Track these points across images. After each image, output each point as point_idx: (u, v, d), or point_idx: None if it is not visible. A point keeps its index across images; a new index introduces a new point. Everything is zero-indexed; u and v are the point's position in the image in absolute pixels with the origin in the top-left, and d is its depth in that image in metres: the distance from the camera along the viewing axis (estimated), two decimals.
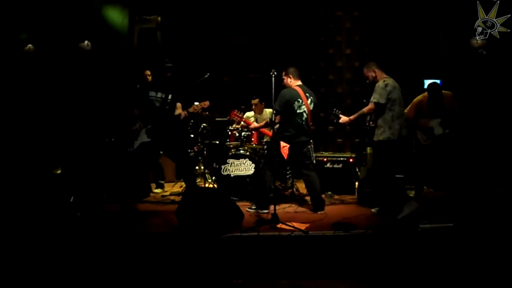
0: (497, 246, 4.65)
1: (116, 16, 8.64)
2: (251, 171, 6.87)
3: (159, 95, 6.65)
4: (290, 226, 5.21)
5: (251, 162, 6.88)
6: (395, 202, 5.87)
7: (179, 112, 6.67)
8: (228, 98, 9.21)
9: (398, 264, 4.65)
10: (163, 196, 7.38)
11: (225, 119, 7.86)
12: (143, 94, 6.68)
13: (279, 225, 5.31)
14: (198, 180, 7.83)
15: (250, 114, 7.87)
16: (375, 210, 6.07)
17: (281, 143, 6.07)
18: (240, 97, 8.87)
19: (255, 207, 6.23)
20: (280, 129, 6.17)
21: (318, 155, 7.54)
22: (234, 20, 9.54)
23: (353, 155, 7.52)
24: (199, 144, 7.88)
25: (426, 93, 6.77)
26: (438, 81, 7.30)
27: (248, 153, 6.99)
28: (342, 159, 7.44)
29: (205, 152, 7.76)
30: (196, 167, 8.08)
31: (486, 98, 7.37)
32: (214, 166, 7.65)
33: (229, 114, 7.56)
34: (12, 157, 7.17)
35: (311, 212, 6.24)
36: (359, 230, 5.09)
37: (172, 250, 4.85)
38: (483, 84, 7.55)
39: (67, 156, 7.57)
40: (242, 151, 7.02)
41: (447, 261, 4.62)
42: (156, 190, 7.58)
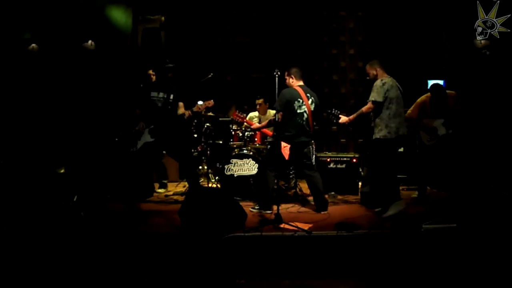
0: (500, 247, 4.65)
1: (120, 16, 8.65)
2: (254, 171, 6.87)
3: (161, 95, 6.67)
4: (293, 226, 5.21)
5: (254, 162, 6.88)
6: (388, 200, 5.88)
7: (182, 111, 6.68)
8: (231, 98, 9.21)
9: (401, 264, 4.65)
10: (166, 195, 7.38)
11: (228, 119, 7.86)
12: (145, 95, 6.69)
13: (282, 225, 5.31)
14: (202, 180, 7.83)
15: (254, 114, 7.87)
16: (379, 211, 6.05)
17: (282, 143, 6.08)
18: (244, 97, 8.87)
19: (258, 207, 6.23)
20: (280, 129, 6.16)
21: (322, 155, 7.53)
22: (237, 20, 9.55)
23: (356, 155, 7.51)
24: (202, 144, 7.87)
25: (429, 93, 6.77)
26: (441, 81, 7.29)
27: (251, 153, 6.99)
28: (345, 159, 7.43)
29: (208, 152, 7.75)
30: (200, 167, 8.09)
31: (490, 98, 7.36)
32: (218, 166, 7.65)
33: (231, 111, 7.56)
34: (16, 156, 7.18)
35: (314, 212, 6.24)
36: (362, 230, 5.09)
37: (175, 249, 4.85)
38: (486, 84, 7.53)
39: (70, 156, 7.58)
40: (245, 151, 7.02)
41: (450, 261, 4.61)
42: (159, 190, 7.59)
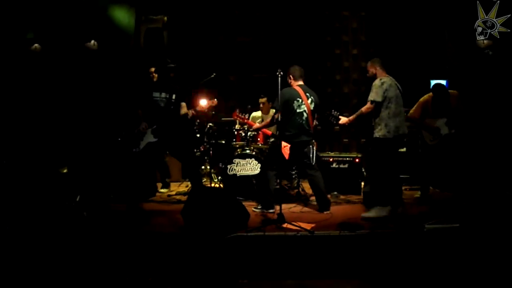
0: (503, 247, 4.64)
1: (122, 16, 8.65)
2: (257, 171, 6.87)
3: (163, 95, 6.68)
4: (296, 226, 5.21)
5: (257, 162, 6.88)
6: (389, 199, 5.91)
7: (185, 111, 6.68)
8: (234, 98, 9.22)
9: (403, 264, 4.65)
10: (169, 195, 7.39)
11: (231, 119, 7.86)
12: (147, 95, 6.70)
13: (285, 225, 5.31)
14: (204, 179, 7.83)
15: (257, 114, 7.87)
16: None
17: (282, 143, 6.07)
18: (246, 97, 8.87)
19: (261, 207, 6.23)
20: (280, 129, 6.15)
21: (324, 155, 7.53)
22: (240, 20, 9.55)
23: (359, 155, 7.50)
24: (205, 144, 7.88)
25: (431, 93, 6.76)
26: (444, 81, 7.28)
27: (254, 153, 6.99)
28: (348, 159, 7.41)
29: (211, 151, 7.76)
30: (202, 167, 8.09)
31: (492, 98, 7.35)
32: (220, 165, 7.66)
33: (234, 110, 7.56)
34: (19, 156, 7.19)
35: (316, 212, 6.24)
36: (365, 230, 5.09)
37: (178, 249, 4.86)
38: (489, 84, 7.52)
39: (73, 155, 7.59)
40: (248, 151, 7.02)
41: (453, 261, 4.61)
42: (162, 190, 7.59)
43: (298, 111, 6.15)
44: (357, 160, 7.35)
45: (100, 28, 8.43)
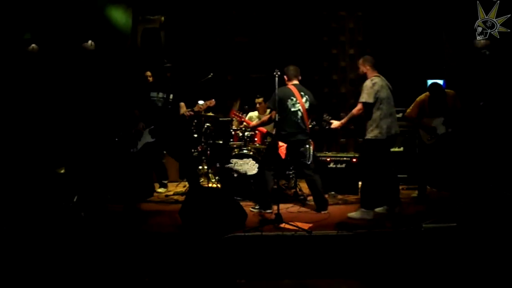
0: (500, 247, 4.65)
1: (119, 16, 8.65)
2: (254, 171, 6.87)
3: (161, 95, 6.68)
4: (294, 226, 5.21)
5: (254, 162, 6.88)
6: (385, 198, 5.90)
7: (184, 111, 6.68)
8: (231, 98, 9.21)
9: (401, 264, 4.65)
10: (166, 195, 7.39)
11: (228, 119, 7.87)
12: (145, 95, 6.70)
13: (282, 225, 5.31)
14: (202, 179, 7.83)
15: (254, 114, 7.88)
16: (379, 210, 6.05)
17: (278, 143, 6.07)
18: (244, 97, 8.87)
19: (258, 207, 6.24)
20: (276, 128, 6.15)
21: (322, 155, 7.53)
22: (237, 20, 9.55)
23: (356, 155, 7.50)
24: (202, 144, 7.88)
25: (428, 92, 6.77)
26: (441, 81, 7.30)
27: (251, 153, 7.00)
28: (345, 159, 7.42)
29: (208, 152, 7.76)
30: (200, 167, 8.09)
31: (489, 98, 7.36)
32: (218, 166, 7.66)
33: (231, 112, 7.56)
34: (16, 156, 7.18)
35: (314, 212, 6.25)
36: (363, 230, 5.10)
37: (176, 249, 4.85)
38: (486, 84, 7.54)
39: (70, 156, 7.58)
40: (245, 151, 7.03)
41: (450, 261, 4.62)
42: (160, 190, 7.59)
43: (292, 109, 6.14)
44: (354, 160, 7.36)
45: (97, 28, 8.42)
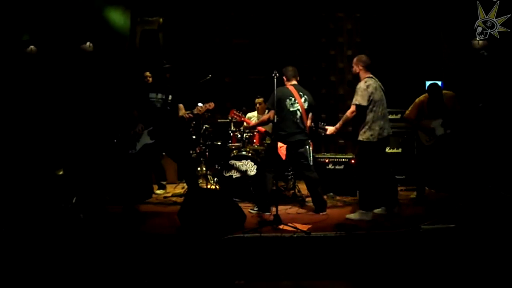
0: (498, 247, 4.66)
1: (118, 17, 8.65)
2: (253, 172, 6.88)
3: (160, 96, 6.68)
4: (292, 227, 5.22)
5: (253, 164, 6.89)
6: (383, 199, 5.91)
7: (183, 113, 6.68)
8: (229, 99, 9.22)
9: (400, 265, 4.66)
10: (165, 197, 7.37)
11: (227, 120, 7.87)
12: (143, 96, 6.70)
13: (281, 226, 5.31)
14: (200, 181, 7.84)
15: (253, 114, 7.88)
16: (378, 211, 6.05)
17: (278, 143, 6.06)
18: (242, 98, 8.87)
19: (257, 209, 6.23)
20: (275, 129, 6.15)
21: (320, 156, 7.54)
22: (235, 22, 9.55)
23: (354, 156, 7.51)
24: (201, 145, 7.88)
25: (426, 93, 6.78)
26: (439, 82, 7.31)
27: (250, 154, 7.00)
28: (343, 160, 7.43)
29: (207, 153, 7.77)
30: (198, 168, 8.10)
31: (488, 99, 7.38)
32: (216, 167, 7.66)
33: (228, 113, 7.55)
34: (15, 158, 7.18)
35: (313, 213, 6.25)
36: (361, 231, 5.11)
37: (175, 251, 4.85)
38: (484, 85, 7.55)
39: (69, 157, 7.58)
40: (244, 153, 7.03)
41: (449, 262, 4.62)
42: (158, 191, 7.59)
43: (291, 109, 6.14)
44: (352, 161, 7.36)
45: (95, 29, 8.43)
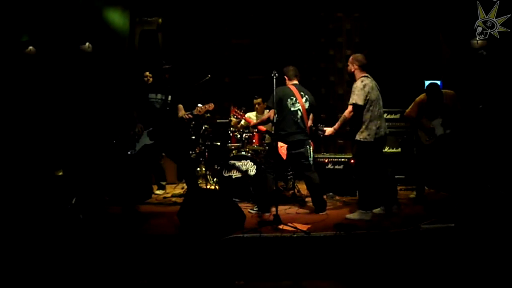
0: (498, 247, 4.66)
1: (117, 18, 8.66)
2: (253, 172, 6.88)
3: (159, 96, 6.68)
4: (292, 227, 5.23)
5: (252, 164, 6.89)
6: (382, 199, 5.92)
7: (182, 113, 6.68)
8: (229, 99, 9.22)
9: (399, 264, 4.66)
10: (165, 197, 7.38)
11: (226, 120, 7.87)
12: (143, 96, 6.70)
13: (281, 226, 5.31)
14: (200, 181, 7.84)
15: (252, 115, 7.88)
16: (377, 211, 6.05)
17: (278, 143, 6.06)
18: (241, 98, 8.87)
19: (257, 209, 6.23)
20: (276, 128, 6.15)
21: (319, 156, 7.54)
22: (234, 22, 9.56)
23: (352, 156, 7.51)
24: (200, 145, 7.88)
25: (425, 93, 6.78)
26: (438, 82, 7.31)
27: (249, 154, 7.00)
28: (343, 160, 7.43)
29: (206, 153, 7.76)
30: (198, 169, 8.10)
31: (487, 98, 7.38)
32: (216, 167, 7.66)
33: (229, 113, 7.55)
34: (14, 159, 7.18)
35: (312, 213, 6.25)
36: (361, 231, 5.10)
37: (174, 251, 4.85)
38: (483, 84, 7.56)
39: (68, 158, 7.58)
40: (243, 153, 7.03)
41: (449, 261, 4.63)
42: (158, 192, 7.59)
43: (292, 109, 6.14)
44: (352, 161, 7.35)
45: (94, 30, 8.43)
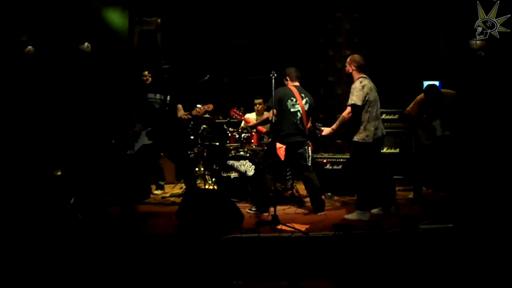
0: (496, 247, 4.67)
1: (116, 18, 8.67)
2: (251, 172, 6.88)
3: (158, 96, 6.68)
4: (290, 227, 5.22)
5: (251, 164, 6.89)
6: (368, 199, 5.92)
7: (181, 114, 6.68)
8: (228, 100, 9.22)
9: (398, 264, 4.66)
10: (163, 197, 7.38)
11: (225, 120, 7.87)
12: (142, 96, 6.70)
13: (279, 226, 5.31)
14: (198, 181, 7.84)
15: (252, 115, 7.87)
16: (375, 211, 6.05)
17: (277, 144, 6.06)
18: (241, 98, 8.87)
19: (255, 209, 6.23)
20: (275, 129, 6.15)
21: (318, 156, 7.54)
22: (234, 22, 9.56)
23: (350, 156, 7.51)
24: (199, 145, 7.88)
25: (423, 94, 6.77)
26: (437, 82, 7.31)
27: (248, 154, 7.00)
28: (341, 160, 7.43)
29: (205, 153, 7.76)
30: (196, 169, 8.10)
31: (486, 99, 7.39)
32: (214, 167, 7.66)
33: (228, 113, 7.54)
34: (13, 159, 7.17)
35: (311, 213, 6.25)
36: (359, 231, 5.10)
37: (172, 251, 4.85)
38: (482, 85, 7.56)
39: (67, 158, 7.58)
40: (242, 153, 7.03)
41: (447, 262, 4.63)
42: (156, 192, 7.59)
43: (292, 110, 6.14)
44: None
45: (93, 30, 8.43)
